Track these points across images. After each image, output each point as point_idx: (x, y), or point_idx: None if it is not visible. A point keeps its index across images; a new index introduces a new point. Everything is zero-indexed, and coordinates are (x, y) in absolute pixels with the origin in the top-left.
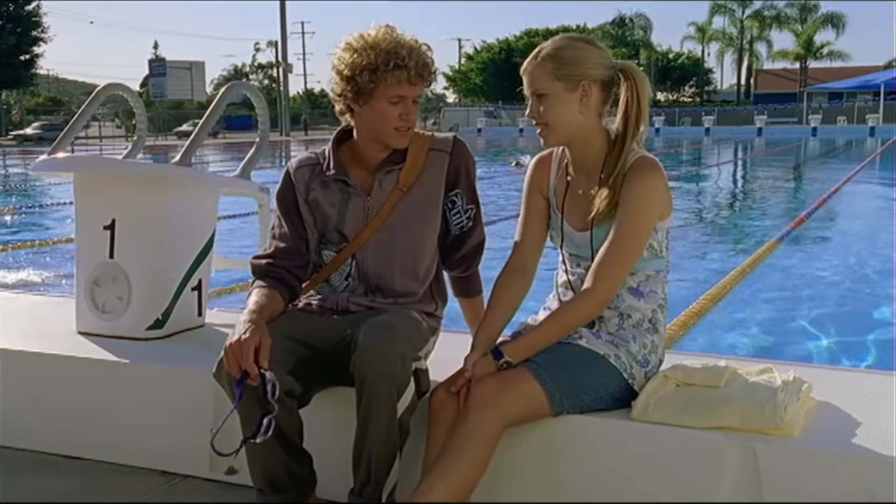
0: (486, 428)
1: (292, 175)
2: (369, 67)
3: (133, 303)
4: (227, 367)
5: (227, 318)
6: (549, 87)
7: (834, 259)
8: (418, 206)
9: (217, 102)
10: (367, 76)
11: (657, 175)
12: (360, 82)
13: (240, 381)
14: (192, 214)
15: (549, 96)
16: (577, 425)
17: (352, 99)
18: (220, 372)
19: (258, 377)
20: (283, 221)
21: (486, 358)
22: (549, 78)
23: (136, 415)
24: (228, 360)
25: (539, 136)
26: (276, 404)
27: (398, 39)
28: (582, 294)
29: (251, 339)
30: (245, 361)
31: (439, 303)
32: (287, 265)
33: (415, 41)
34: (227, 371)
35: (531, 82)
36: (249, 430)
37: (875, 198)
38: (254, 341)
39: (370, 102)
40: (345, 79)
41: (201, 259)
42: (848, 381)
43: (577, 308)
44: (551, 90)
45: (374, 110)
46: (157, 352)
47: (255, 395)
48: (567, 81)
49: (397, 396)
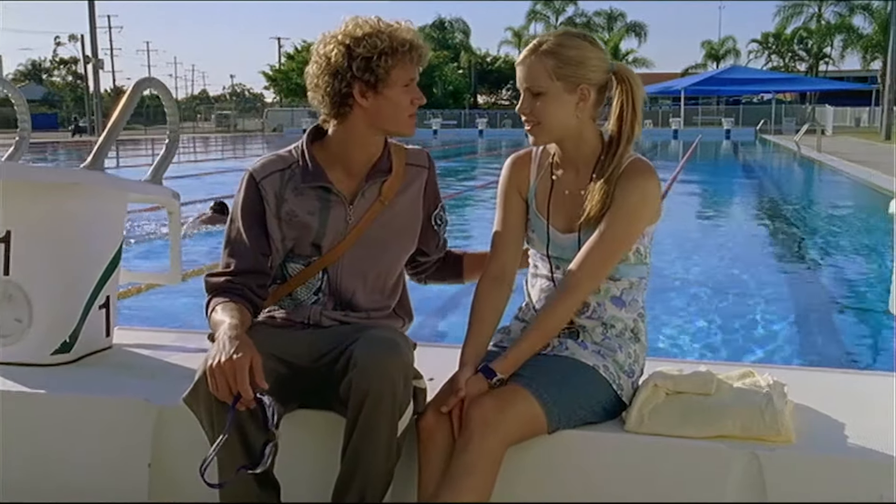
0: (491, 452)
1: (259, 184)
2: (386, 52)
3: (35, 325)
4: (213, 390)
5: (134, 337)
6: (546, 87)
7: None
8: (398, 222)
9: (127, 100)
10: (386, 61)
11: (653, 179)
12: (379, 70)
13: (232, 405)
14: (99, 224)
15: (546, 95)
16: (573, 440)
17: (359, 93)
18: (196, 397)
19: (253, 401)
20: (244, 237)
21: (478, 376)
22: (549, 76)
23: (59, 452)
24: (216, 382)
25: (527, 133)
26: (276, 430)
27: (389, 22)
28: (564, 293)
29: (243, 358)
30: (240, 383)
31: (406, 320)
32: (248, 283)
33: (398, 22)
34: (212, 395)
35: (528, 77)
36: (246, 458)
37: (690, 195)
38: (246, 361)
39: (383, 91)
40: (352, 72)
41: (109, 273)
42: (823, 382)
43: (561, 308)
44: (549, 90)
45: (388, 99)
46: (73, 379)
47: (251, 420)
48: (566, 82)
49: (398, 416)
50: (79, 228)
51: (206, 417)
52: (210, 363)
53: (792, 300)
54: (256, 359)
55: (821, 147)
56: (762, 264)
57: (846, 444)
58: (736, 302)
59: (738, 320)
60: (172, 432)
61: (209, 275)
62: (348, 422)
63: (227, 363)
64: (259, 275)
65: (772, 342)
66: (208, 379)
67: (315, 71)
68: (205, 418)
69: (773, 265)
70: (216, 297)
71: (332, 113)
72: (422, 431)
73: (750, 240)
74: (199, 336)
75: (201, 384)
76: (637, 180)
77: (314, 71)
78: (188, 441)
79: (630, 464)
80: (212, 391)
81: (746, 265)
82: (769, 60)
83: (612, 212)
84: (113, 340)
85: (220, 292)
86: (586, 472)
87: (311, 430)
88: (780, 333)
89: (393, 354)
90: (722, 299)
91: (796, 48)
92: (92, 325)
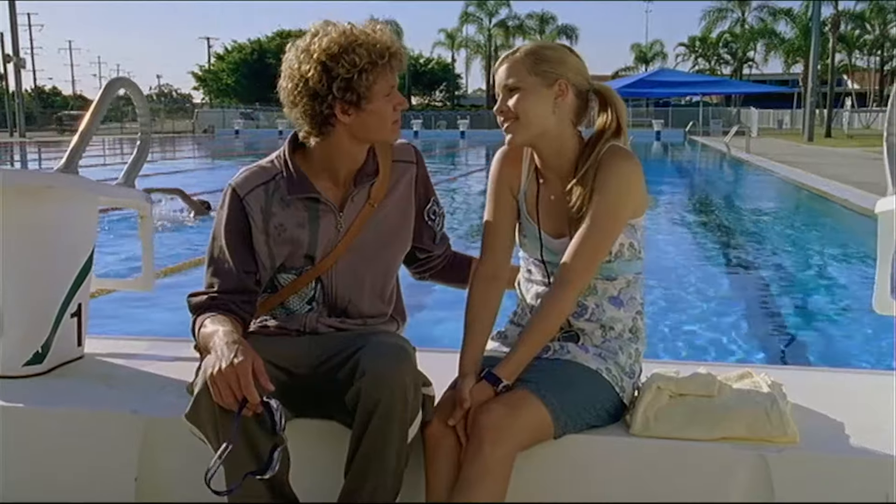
0: (504, 459)
1: (244, 200)
2: (366, 69)
3: (7, 336)
4: (217, 398)
5: (106, 346)
6: (523, 81)
7: None
8: (390, 223)
9: (99, 101)
10: (367, 78)
11: (631, 162)
12: (360, 88)
13: (238, 411)
14: (71, 229)
15: (523, 90)
16: (580, 445)
17: (341, 111)
18: (198, 412)
19: (260, 405)
20: (227, 255)
21: (483, 384)
22: (525, 72)
23: (42, 467)
24: (219, 390)
25: (505, 133)
26: (284, 434)
27: (363, 29)
28: (558, 290)
29: (245, 361)
30: (245, 387)
31: (400, 322)
32: (233, 300)
33: (372, 27)
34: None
35: (505, 76)
36: (253, 464)
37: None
38: (248, 364)
39: (366, 106)
40: (332, 93)
41: (81, 280)
42: (816, 381)
43: (557, 305)
44: (525, 84)
45: (370, 112)
46: (50, 391)
47: (256, 425)
48: (543, 77)
49: (409, 424)
50: (51, 234)
51: (211, 430)
52: (210, 372)
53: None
54: (258, 361)
55: (749, 148)
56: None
57: (849, 444)
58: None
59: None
60: (160, 445)
61: (192, 294)
62: (355, 430)
63: (228, 369)
64: (244, 293)
65: (697, 338)
66: (210, 388)
67: (290, 88)
68: (209, 431)
69: (717, 265)
70: (201, 314)
71: (315, 132)
72: (428, 439)
73: (694, 237)
74: (173, 344)
75: (202, 397)
76: (615, 165)
77: (289, 87)
78: (177, 454)
79: (638, 467)
80: (215, 400)
81: (689, 264)
82: (696, 63)
83: (595, 201)
84: (84, 350)
85: (205, 310)
86: (594, 477)
87: (310, 439)
88: (700, 331)
89: (403, 362)
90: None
91: (721, 52)
92: (64, 334)
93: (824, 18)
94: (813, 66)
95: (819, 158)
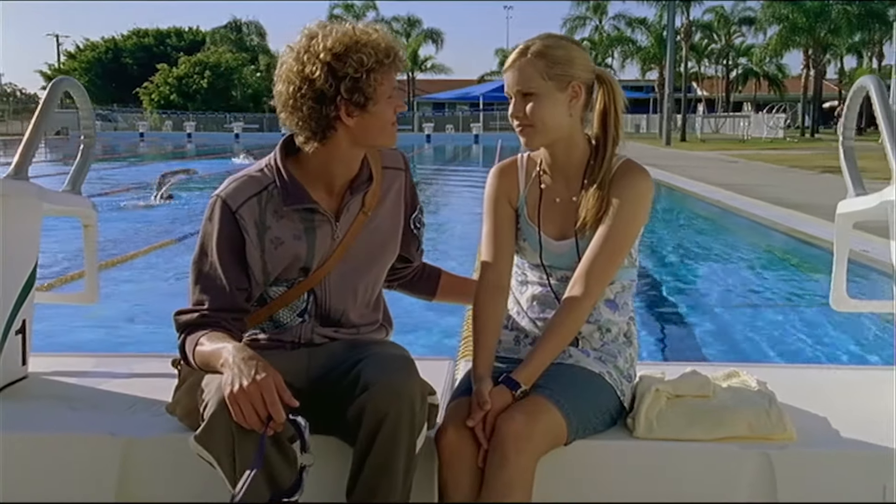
0: (528, 467)
1: (237, 214)
2: (373, 68)
3: None
4: (239, 419)
5: (49, 363)
6: (538, 87)
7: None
8: (382, 232)
9: (45, 103)
10: (375, 78)
11: (646, 178)
12: (368, 89)
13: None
14: (14, 240)
15: (539, 96)
16: (587, 450)
17: (345, 113)
18: (211, 434)
19: (283, 424)
20: (219, 272)
21: (501, 388)
22: (540, 77)
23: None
24: (242, 409)
25: (520, 136)
26: (311, 453)
27: (364, 28)
28: (575, 299)
29: (268, 378)
30: (272, 405)
31: (389, 329)
32: (226, 318)
33: (372, 27)
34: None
35: (519, 80)
36: (272, 488)
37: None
38: (272, 380)
39: (371, 108)
40: (339, 94)
41: (25, 294)
42: (799, 379)
43: (574, 315)
44: (541, 89)
45: (373, 115)
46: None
47: (275, 446)
48: (558, 81)
49: (417, 434)
50: None
51: (225, 452)
52: (230, 390)
53: None
54: (279, 377)
55: None
56: None
57: (843, 438)
58: None
59: None
60: (141, 468)
61: (178, 312)
62: (360, 444)
63: (251, 386)
64: (236, 311)
65: None
66: (231, 407)
67: (291, 92)
68: (222, 454)
69: None
70: (192, 332)
71: (316, 137)
72: (444, 449)
73: None
74: (123, 360)
75: (217, 418)
76: (631, 180)
77: (290, 92)
78: (158, 476)
79: (644, 470)
80: (237, 420)
81: None
82: None
83: (612, 214)
84: (29, 369)
85: (195, 328)
86: (604, 481)
87: None
88: None
89: (409, 373)
90: None
91: None
92: (9, 353)
93: (677, 28)
94: (670, 73)
95: (682, 161)
